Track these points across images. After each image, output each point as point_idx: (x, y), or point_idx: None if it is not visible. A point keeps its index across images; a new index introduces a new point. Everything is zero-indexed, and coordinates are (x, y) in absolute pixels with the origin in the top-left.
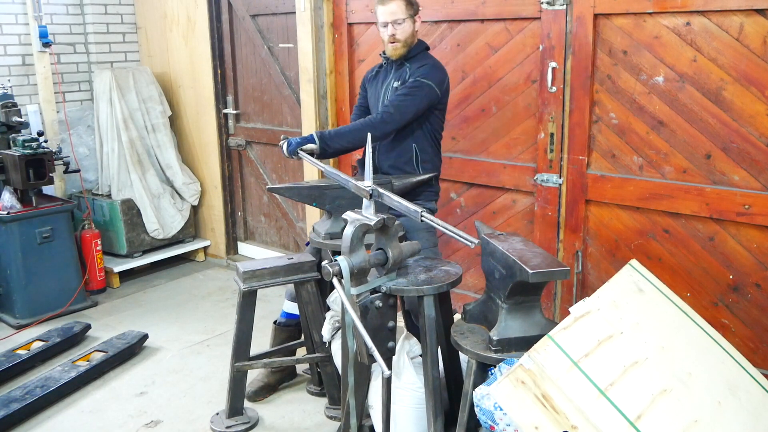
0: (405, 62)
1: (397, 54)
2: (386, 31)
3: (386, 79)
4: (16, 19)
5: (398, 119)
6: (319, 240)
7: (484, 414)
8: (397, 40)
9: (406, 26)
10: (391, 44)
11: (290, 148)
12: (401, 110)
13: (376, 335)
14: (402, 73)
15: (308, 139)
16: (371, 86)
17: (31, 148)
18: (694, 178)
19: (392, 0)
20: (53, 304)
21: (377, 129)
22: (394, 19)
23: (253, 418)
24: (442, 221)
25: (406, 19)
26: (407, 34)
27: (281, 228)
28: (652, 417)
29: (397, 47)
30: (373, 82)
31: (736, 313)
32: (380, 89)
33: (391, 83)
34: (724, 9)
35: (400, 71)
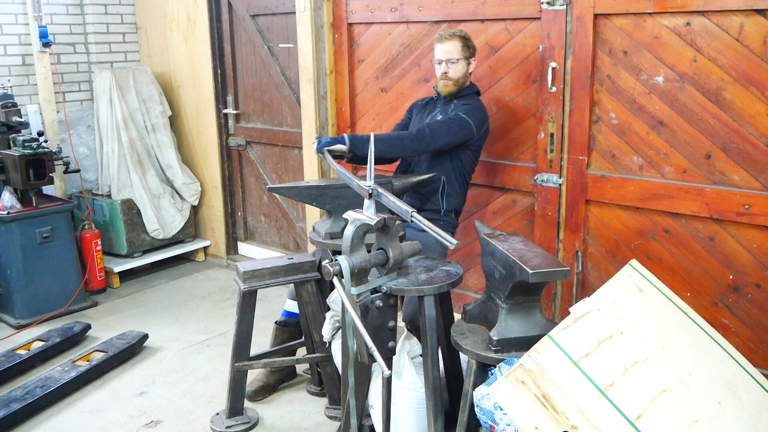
0: (454, 99)
1: (447, 91)
2: (440, 68)
3: (433, 110)
4: (16, 19)
5: (430, 142)
6: (319, 240)
7: (484, 414)
8: (449, 79)
9: (460, 66)
10: (442, 81)
11: (319, 146)
12: (434, 135)
13: (376, 335)
14: (448, 109)
15: (339, 140)
16: (418, 113)
17: (31, 148)
18: (694, 178)
19: (450, 40)
20: (53, 304)
21: (407, 144)
22: (449, 57)
23: (253, 418)
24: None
25: (460, 59)
26: (459, 74)
27: (281, 228)
28: (652, 417)
29: (447, 84)
30: (421, 111)
31: (736, 313)
32: (425, 118)
33: (435, 116)
34: (724, 9)
35: (446, 107)
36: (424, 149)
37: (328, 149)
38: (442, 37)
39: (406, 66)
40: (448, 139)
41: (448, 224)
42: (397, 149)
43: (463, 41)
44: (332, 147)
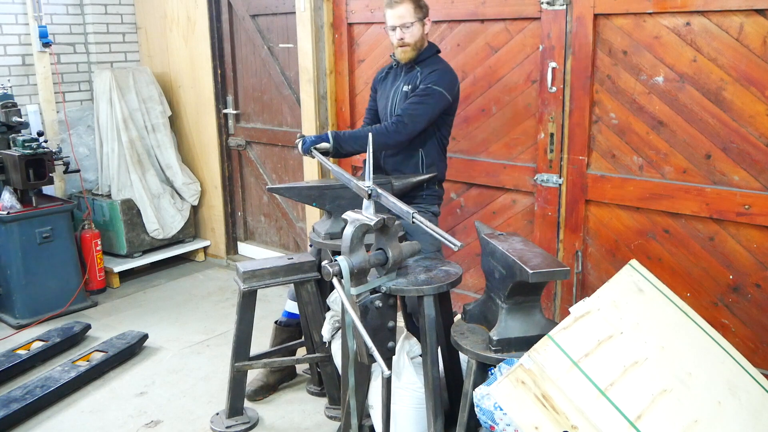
0: (416, 65)
1: (406, 57)
2: (395, 34)
3: (395, 81)
4: (16, 19)
5: (411, 129)
6: (319, 240)
7: (484, 414)
8: (406, 44)
9: (415, 29)
10: (400, 48)
11: (305, 146)
12: (414, 119)
13: (376, 335)
14: (412, 77)
15: (323, 138)
16: (381, 87)
17: (31, 148)
18: (694, 178)
19: (400, 3)
20: (53, 304)
21: (390, 137)
22: (403, 22)
23: (253, 418)
24: (430, 223)
25: (414, 22)
26: (416, 37)
27: (281, 228)
28: (652, 417)
29: (406, 51)
30: (383, 84)
31: (736, 313)
32: (389, 91)
33: (400, 86)
34: (724, 9)
35: (410, 75)
36: (407, 138)
37: (315, 147)
38: (392, 2)
39: None
40: (428, 118)
41: (433, 197)
42: (381, 143)
43: (414, 2)
44: (318, 145)
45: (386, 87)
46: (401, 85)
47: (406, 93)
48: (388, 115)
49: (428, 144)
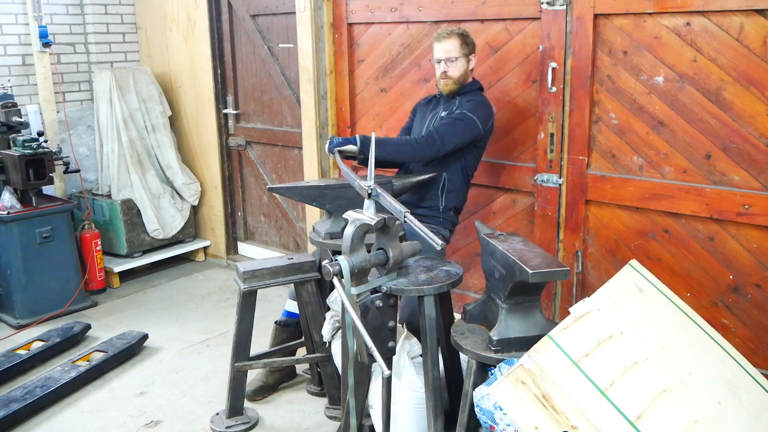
0: (457, 96)
1: (447, 90)
2: (439, 67)
3: (436, 108)
4: (16, 19)
5: (440, 146)
6: (319, 240)
7: (484, 414)
8: (449, 78)
9: (459, 64)
10: (442, 80)
11: (330, 146)
12: (444, 138)
13: (376, 335)
14: (451, 104)
15: (350, 140)
16: (421, 112)
17: (31, 148)
18: (694, 178)
19: (448, 38)
20: (53, 304)
21: (417, 150)
22: (448, 56)
23: (253, 418)
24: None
25: (459, 57)
26: (459, 72)
27: (281, 228)
28: (652, 417)
29: (448, 83)
30: (424, 109)
31: (736, 313)
32: (428, 116)
33: (439, 113)
34: (724, 9)
35: (449, 103)
36: (434, 154)
37: (339, 150)
38: (440, 36)
39: (406, 66)
40: (458, 141)
41: (447, 222)
42: (407, 154)
43: (461, 38)
44: (343, 147)
45: (426, 113)
46: (440, 111)
47: (441, 117)
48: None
49: (452, 169)
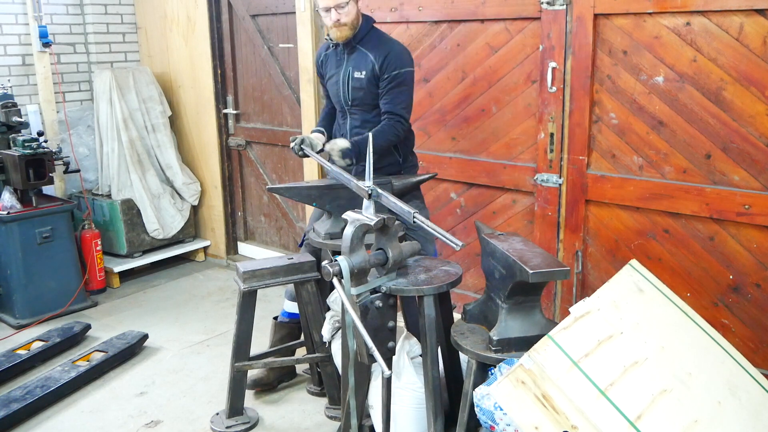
0: (357, 45)
1: (343, 36)
2: (329, 15)
3: (341, 65)
4: (16, 19)
5: (408, 119)
6: (319, 240)
7: (484, 414)
8: (343, 25)
9: (350, 8)
10: (335, 29)
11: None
12: (408, 110)
13: (376, 335)
14: (361, 61)
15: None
16: (326, 72)
17: (31, 148)
18: (694, 178)
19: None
20: (53, 304)
21: (399, 130)
22: (337, 3)
23: (253, 418)
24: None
25: (349, 1)
26: (352, 16)
27: (281, 228)
28: (652, 417)
29: (343, 30)
30: (326, 68)
31: (736, 313)
32: (337, 76)
33: (350, 72)
34: (724, 9)
35: (357, 58)
36: (408, 128)
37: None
38: None
39: None
40: (412, 100)
41: (413, 167)
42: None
43: None
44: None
45: (331, 71)
46: (350, 69)
47: (360, 80)
48: (342, 101)
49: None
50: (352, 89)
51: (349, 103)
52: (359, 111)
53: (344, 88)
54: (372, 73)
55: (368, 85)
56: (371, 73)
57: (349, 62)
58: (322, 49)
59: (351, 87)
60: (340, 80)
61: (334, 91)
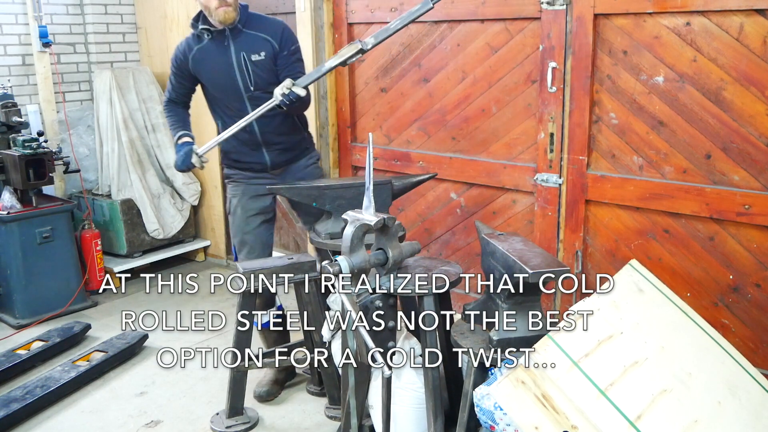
0: (243, 29)
1: (230, 19)
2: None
3: (226, 52)
4: (16, 19)
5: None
6: (319, 240)
7: (484, 414)
8: (229, 5)
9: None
10: (221, 9)
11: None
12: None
13: (376, 335)
14: (253, 43)
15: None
16: (202, 67)
17: (31, 148)
18: (694, 178)
19: None
20: (53, 304)
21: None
22: None
23: (253, 418)
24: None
25: None
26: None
27: (281, 228)
28: (652, 417)
29: (229, 12)
30: (202, 63)
31: (736, 313)
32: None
33: (244, 57)
34: (724, 9)
35: (243, 41)
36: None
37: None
38: None
39: (406, 66)
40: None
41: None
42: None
43: None
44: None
45: (212, 63)
46: (243, 54)
47: (262, 62)
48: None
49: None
50: (253, 73)
51: (251, 89)
52: (264, 95)
53: (243, 74)
54: (273, 52)
55: (271, 65)
56: (272, 52)
57: (237, 48)
58: (185, 47)
59: (251, 71)
60: (234, 68)
61: (224, 82)
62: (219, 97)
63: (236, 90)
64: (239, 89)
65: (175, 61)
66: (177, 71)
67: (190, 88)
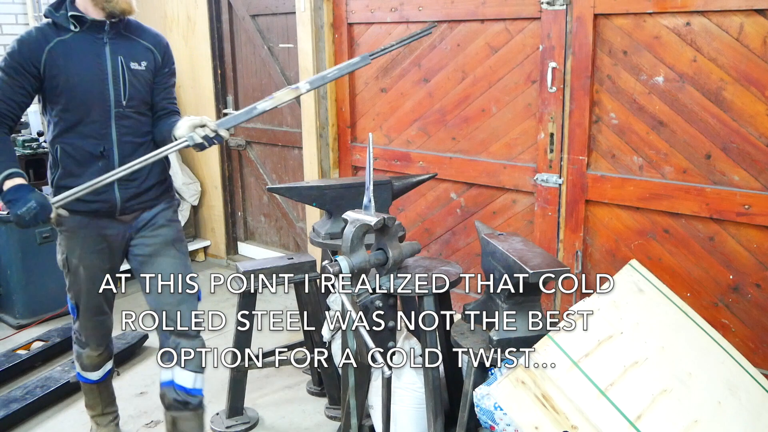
0: (123, 31)
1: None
2: None
3: (100, 55)
4: (16, 19)
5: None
6: (319, 240)
7: (484, 414)
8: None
9: None
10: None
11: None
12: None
13: (376, 335)
14: (133, 49)
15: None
16: (61, 63)
17: (31, 148)
18: (694, 178)
19: None
20: (53, 304)
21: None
22: None
23: (253, 418)
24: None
25: None
26: None
27: (281, 228)
28: (652, 417)
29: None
30: (62, 58)
31: (736, 313)
32: (101, 70)
33: (121, 63)
34: (724, 9)
35: (122, 45)
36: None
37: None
38: None
39: (406, 66)
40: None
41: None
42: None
43: None
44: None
45: (79, 61)
46: (118, 58)
47: (141, 72)
48: (111, 102)
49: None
50: (130, 85)
51: (123, 103)
52: (135, 115)
53: (117, 83)
54: (155, 65)
55: (149, 79)
56: (153, 65)
57: (113, 49)
58: (38, 37)
59: (128, 81)
60: (107, 73)
61: (89, 89)
62: (74, 109)
63: (104, 102)
64: (108, 101)
65: (16, 55)
66: (16, 69)
67: (27, 95)
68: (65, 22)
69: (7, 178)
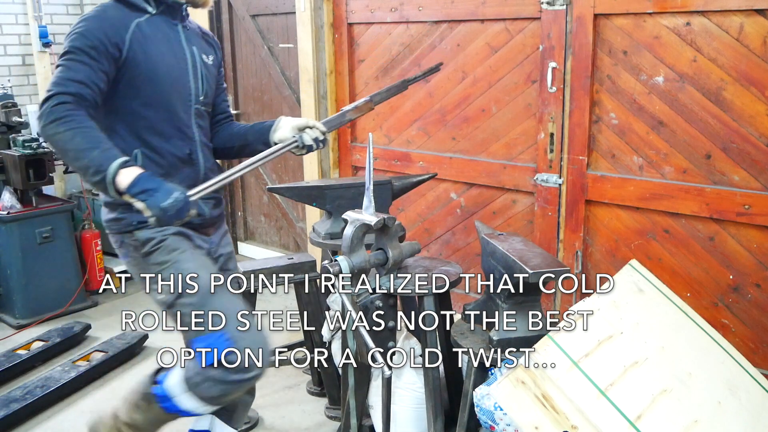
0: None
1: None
2: None
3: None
4: (16, 19)
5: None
6: (319, 240)
7: (484, 414)
8: None
9: None
10: None
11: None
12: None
13: (376, 335)
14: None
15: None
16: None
17: (31, 148)
18: (694, 178)
19: None
20: (53, 304)
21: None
22: None
23: (253, 418)
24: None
25: None
26: None
27: (281, 228)
28: (652, 417)
29: None
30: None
31: (736, 313)
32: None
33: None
34: (724, 9)
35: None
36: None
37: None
38: None
39: (406, 66)
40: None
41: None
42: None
43: None
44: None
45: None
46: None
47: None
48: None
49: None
50: (205, 79)
51: (200, 98)
52: (205, 112)
53: (196, 75)
54: (218, 61)
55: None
56: (217, 61)
57: (188, 39)
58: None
59: (203, 76)
60: (187, 63)
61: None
62: (157, 104)
63: (187, 96)
64: (190, 94)
65: (96, 34)
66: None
67: (106, 83)
68: (140, 1)
69: (123, 167)
